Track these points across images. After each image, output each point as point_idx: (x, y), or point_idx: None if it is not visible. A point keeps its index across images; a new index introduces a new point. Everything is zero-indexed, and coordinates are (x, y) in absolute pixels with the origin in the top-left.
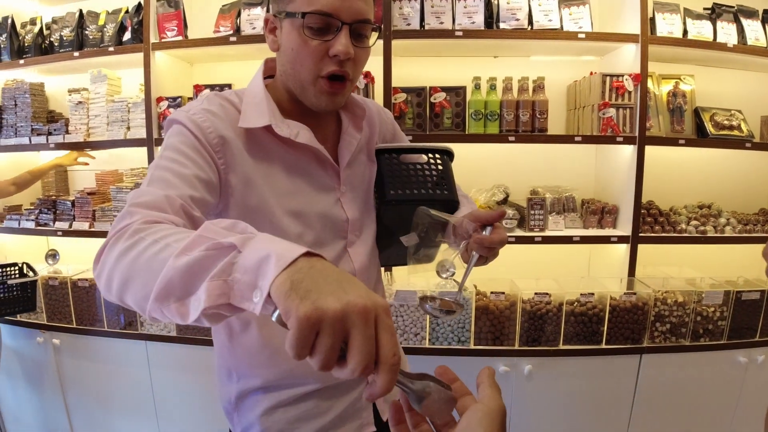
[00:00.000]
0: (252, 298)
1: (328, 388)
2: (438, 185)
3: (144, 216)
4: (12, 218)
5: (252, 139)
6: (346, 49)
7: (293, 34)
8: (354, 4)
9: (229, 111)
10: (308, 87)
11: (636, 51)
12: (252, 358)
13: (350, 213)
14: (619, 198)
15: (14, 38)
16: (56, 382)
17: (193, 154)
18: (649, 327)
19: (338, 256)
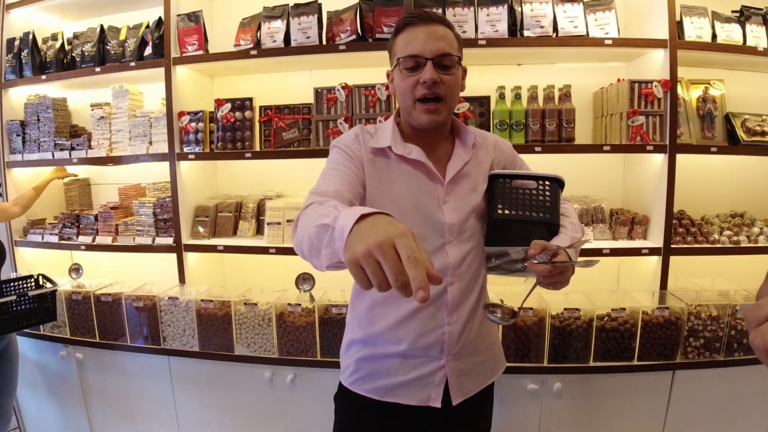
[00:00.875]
0: (340, 253)
1: (410, 354)
2: (542, 209)
3: (316, 198)
4: (35, 232)
5: (381, 155)
6: (431, 76)
7: (398, 76)
8: (433, 45)
9: (366, 138)
10: (411, 110)
11: (664, 56)
12: (362, 317)
13: (449, 218)
14: (649, 208)
15: (36, 53)
16: (79, 395)
17: (348, 163)
18: (683, 342)
19: (436, 250)
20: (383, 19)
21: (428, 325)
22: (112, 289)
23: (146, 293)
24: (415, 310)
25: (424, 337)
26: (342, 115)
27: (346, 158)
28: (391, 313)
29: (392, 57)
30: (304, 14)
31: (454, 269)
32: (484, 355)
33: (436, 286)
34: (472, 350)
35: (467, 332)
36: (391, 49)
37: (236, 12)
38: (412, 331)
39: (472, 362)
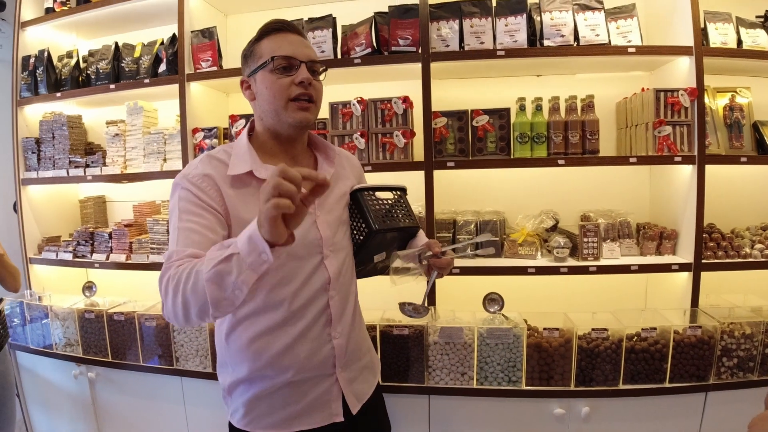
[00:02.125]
0: (262, 259)
1: (301, 380)
2: (407, 216)
3: (177, 265)
4: (50, 249)
5: (239, 182)
6: (307, 76)
7: (266, 77)
8: (306, 50)
9: (218, 167)
10: (282, 111)
11: (690, 64)
12: (240, 353)
13: (324, 232)
14: (678, 221)
15: (51, 71)
16: (91, 415)
17: (199, 210)
18: (715, 362)
19: (315, 267)
20: (399, 31)
21: (316, 343)
22: (125, 307)
23: (159, 312)
24: (303, 331)
25: (314, 357)
26: (358, 130)
27: (196, 204)
28: (275, 342)
29: (254, 61)
30: (319, 28)
31: (334, 282)
32: (365, 358)
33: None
34: (356, 357)
35: (351, 341)
36: (251, 53)
37: (250, 27)
38: (300, 355)
39: (358, 368)
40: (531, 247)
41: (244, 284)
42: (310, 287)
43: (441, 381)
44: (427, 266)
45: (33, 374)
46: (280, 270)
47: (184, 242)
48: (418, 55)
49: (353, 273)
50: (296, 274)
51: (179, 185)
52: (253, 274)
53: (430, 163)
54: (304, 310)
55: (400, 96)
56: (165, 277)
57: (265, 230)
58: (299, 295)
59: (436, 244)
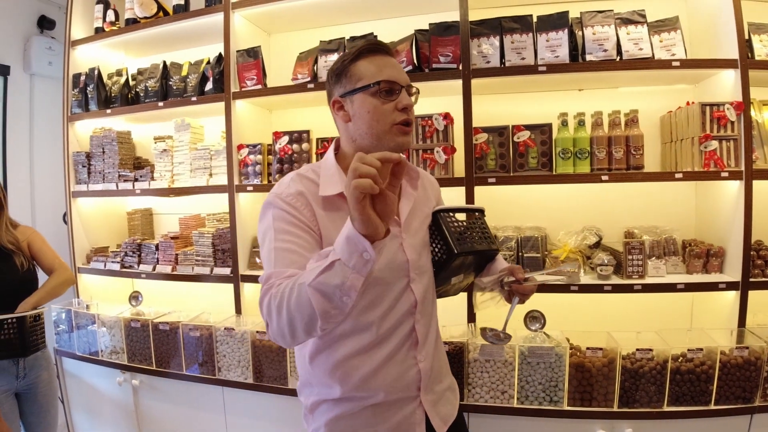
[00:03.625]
0: (364, 259)
1: (386, 403)
2: (487, 239)
3: (277, 284)
4: (98, 260)
5: (330, 204)
6: (410, 101)
7: (367, 100)
8: (404, 74)
9: (309, 186)
10: (385, 135)
11: (735, 77)
12: (327, 375)
13: (410, 255)
14: (724, 238)
15: (101, 88)
16: (134, 422)
17: (296, 230)
18: (762, 384)
19: (402, 291)
20: (439, 48)
21: (402, 367)
22: (169, 317)
23: (203, 323)
24: (390, 355)
25: (400, 380)
26: None
27: (291, 223)
28: (363, 365)
29: (351, 81)
30: None
31: (420, 306)
32: (447, 380)
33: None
34: (438, 380)
35: (435, 364)
36: (346, 73)
37: (294, 46)
38: (388, 378)
39: (440, 390)
40: (573, 264)
41: (351, 289)
42: (398, 311)
43: (480, 399)
44: (508, 292)
45: (78, 380)
46: (368, 293)
47: (282, 263)
48: (459, 72)
49: (435, 295)
50: (384, 298)
51: (272, 205)
52: (359, 277)
53: (471, 179)
54: (391, 333)
55: (441, 112)
56: (266, 298)
57: (358, 221)
58: (387, 319)
59: (519, 270)
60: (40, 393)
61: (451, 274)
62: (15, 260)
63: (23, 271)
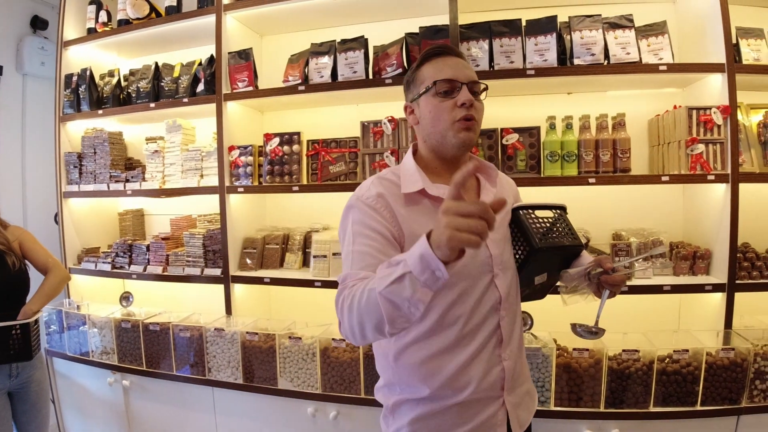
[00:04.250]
0: (436, 276)
1: (471, 401)
2: (569, 234)
3: (351, 285)
4: (89, 260)
5: (411, 200)
6: (469, 97)
7: (429, 101)
8: (466, 72)
9: (390, 187)
10: (447, 132)
11: (722, 81)
12: (413, 374)
13: (493, 250)
14: (711, 241)
15: (93, 89)
16: (124, 422)
17: (376, 234)
18: (748, 385)
19: (486, 286)
20: None
21: (488, 364)
22: (160, 318)
23: (193, 323)
24: (475, 352)
25: (486, 379)
26: (389, 149)
27: (370, 227)
28: (451, 362)
29: (416, 86)
30: (351, 49)
31: (504, 302)
32: (527, 384)
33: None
34: (520, 381)
35: (518, 364)
36: (414, 79)
37: (285, 49)
38: (475, 375)
39: (522, 393)
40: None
41: (420, 302)
42: (483, 307)
43: None
44: (596, 284)
45: (68, 380)
46: (454, 289)
47: (358, 265)
48: None
49: (519, 293)
50: (470, 294)
51: (353, 207)
52: (429, 291)
53: None
54: (476, 330)
55: None
56: (341, 297)
57: (442, 252)
58: (473, 315)
59: (607, 260)
60: (33, 392)
61: (533, 273)
62: (6, 260)
63: (15, 271)
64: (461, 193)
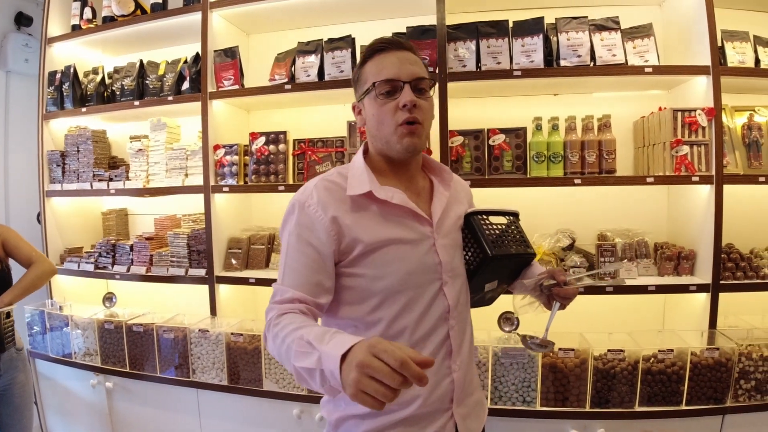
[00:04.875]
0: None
1: (418, 416)
2: (522, 242)
3: (278, 311)
4: (72, 260)
5: (358, 203)
6: (410, 98)
7: (372, 103)
8: (409, 69)
9: (334, 190)
10: (391, 138)
11: (707, 83)
12: None
13: (443, 257)
14: (696, 242)
15: (77, 86)
16: (108, 424)
17: (307, 249)
18: (733, 385)
19: (434, 295)
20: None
21: (437, 377)
22: (144, 319)
23: (177, 324)
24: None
25: (435, 392)
26: None
27: (305, 241)
28: None
29: (361, 86)
30: (338, 49)
31: (453, 311)
32: (477, 393)
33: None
34: (470, 391)
35: (468, 375)
36: (358, 78)
37: (271, 47)
38: (423, 389)
39: (471, 403)
40: (547, 266)
41: (328, 393)
42: (431, 317)
43: None
44: (547, 296)
45: (51, 382)
46: (399, 299)
47: (289, 280)
48: (435, 75)
49: (468, 301)
50: (416, 303)
51: (294, 213)
52: (340, 390)
53: None
54: (425, 341)
55: None
56: (268, 317)
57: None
58: (420, 325)
59: (560, 273)
60: (16, 395)
61: (484, 280)
62: None
63: None
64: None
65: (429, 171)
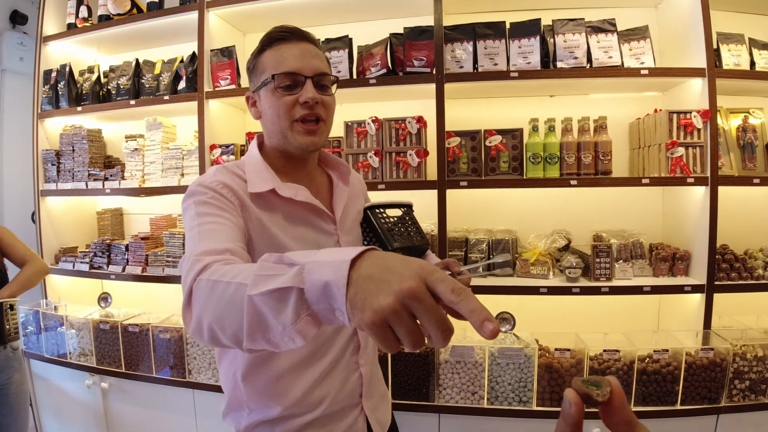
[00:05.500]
0: (337, 318)
1: (329, 414)
2: (418, 234)
3: (210, 259)
4: (67, 260)
5: (259, 199)
6: (313, 95)
7: (269, 96)
8: (312, 63)
9: (237, 180)
10: (287, 133)
11: (702, 86)
12: (264, 394)
13: None
14: (691, 242)
15: (72, 85)
16: (103, 424)
17: (224, 213)
18: (727, 384)
19: None
20: (414, 53)
21: (345, 373)
22: (139, 319)
23: (173, 325)
24: (331, 364)
25: (345, 387)
26: (372, 149)
27: (217, 207)
28: (305, 376)
29: (257, 76)
30: (335, 49)
31: None
32: (381, 386)
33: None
34: (375, 384)
35: (373, 369)
36: (254, 67)
37: None
38: (332, 387)
39: (378, 395)
40: (543, 266)
41: (298, 335)
42: None
43: (451, 400)
44: None
45: (46, 382)
46: None
47: (215, 237)
48: (432, 76)
49: None
50: None
51: (194, 193)
52: (315, 327)
53: (443, 182)
54: (332, 339)
55: (414, 116)
56: (192, 276)
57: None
58: None
59: (454, 264)
60: (12, 394)
61: None
62: None
63: None
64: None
65: (326, 166)
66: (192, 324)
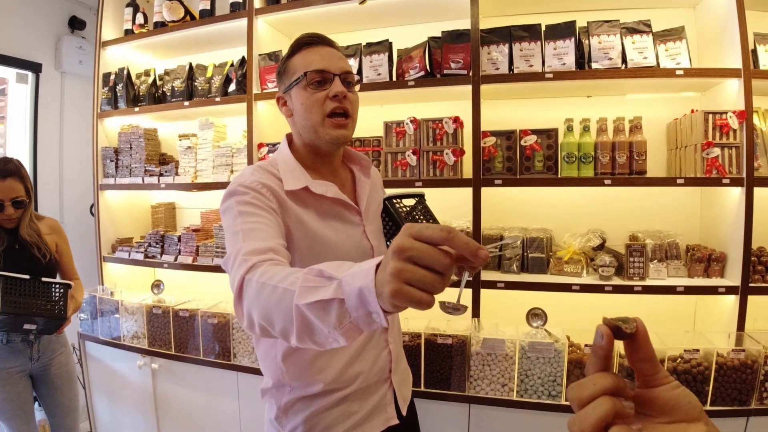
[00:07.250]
0: (374, 321)
1: (363, 388)
2: (432, 220)
3: (258, 259)
4: (123, 249)
5: (294, 196)
6: (341, 89)
7: (300, 93)
8: (339, 63)
9: (273, 179)
10: (319, 127)
11: (738, 86)
12: (304, 372)
13: (374, 242)
14: (727, 244)
15: (129, 87)
16: (151, 404)
17: (264, 213)
18: (758, 387)
19: None
20: (451, 55)
21: (376, 350)
22: (189, 305)
23: (220, 311)
24: (364, 342)
25: (376, 364)
26: (410, 148)
27: (257, 206)
28: (341, 355)
29: (288, 77)
30: (376, 52)
31: None
32: (404, 361)
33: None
34: (400, 361)
35: (398, 345)
36: (285, 70)
37: None
38: (365, 364)
39: (402, 369)
40: (577, 264)
41: (342, 338)
42: None
43: (482, 391)
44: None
45: (99, 364)
46: None
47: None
48: (469, 78)
49: None
50: None
51: (235, 193)
52: (358, 331)
53: (479, 180)
54: None
55: (451, 116)
56: (240, 273)
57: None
58: None
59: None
60: (54, 375)
61: None
62: (35, 252)
63: (46, 262)
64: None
65: (348, 161)
66: (244, 319)
